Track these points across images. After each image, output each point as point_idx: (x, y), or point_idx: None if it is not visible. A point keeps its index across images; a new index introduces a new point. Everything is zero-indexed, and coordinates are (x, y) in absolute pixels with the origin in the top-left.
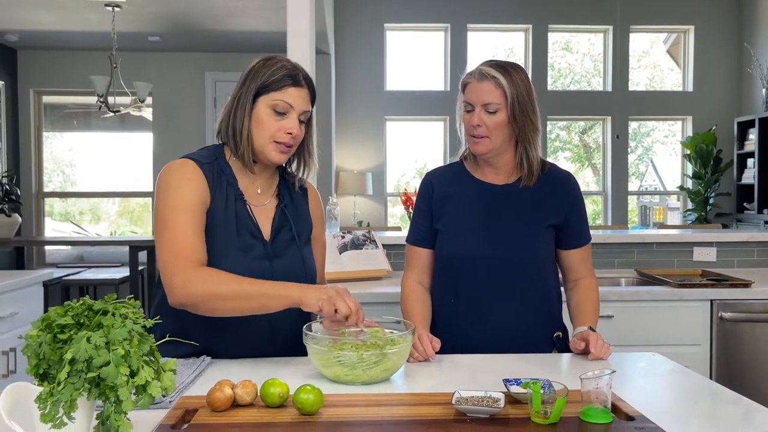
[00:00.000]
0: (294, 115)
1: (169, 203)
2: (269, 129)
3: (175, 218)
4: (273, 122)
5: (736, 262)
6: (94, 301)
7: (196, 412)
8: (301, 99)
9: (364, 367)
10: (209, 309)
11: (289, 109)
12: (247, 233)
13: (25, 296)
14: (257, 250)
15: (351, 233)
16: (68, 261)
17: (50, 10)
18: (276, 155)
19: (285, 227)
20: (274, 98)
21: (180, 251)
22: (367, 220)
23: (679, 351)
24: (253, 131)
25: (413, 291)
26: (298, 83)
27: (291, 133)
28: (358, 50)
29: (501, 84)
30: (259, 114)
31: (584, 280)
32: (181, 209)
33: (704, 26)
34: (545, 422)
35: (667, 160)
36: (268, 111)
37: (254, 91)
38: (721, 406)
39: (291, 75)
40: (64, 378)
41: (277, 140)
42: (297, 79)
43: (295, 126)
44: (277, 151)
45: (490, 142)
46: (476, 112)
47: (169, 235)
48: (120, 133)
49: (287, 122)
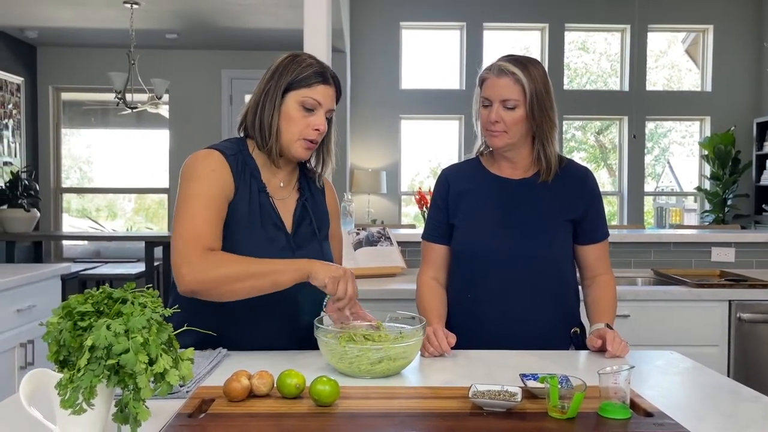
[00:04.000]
0: (321, 112)
1: (190, 191)
2: (298, 125)
3: (193, 207)
4: (301, 118)
5: (755, 263)
6: (113, 289)
7: (212, 402)
8: (329, 97)
9: (366, 363)
10: (222, 293)
11: (318, 106)
12: (271, 225)
13: (44, 289)
14: (280, 242)
15: (366, 230)
16: (85, 256)
17: (69, 7)
18: (302, 151)
19: (306, 220)
20: (304, 95)
21: (189, 239)
22: (381, 219)
23: (696, 351)
24: (281, 126)
25: (429, 287)
26: (327, 81)
27: (318, 129)
28: (374, 48)
29: (520, 80)
30: (288, 110)
31: (601, 276)
32: (200, 198)
33: (723, 26)
34: (562, 417)
35: (684, 161)
36: (296, 107)
37: (284, 86)
38: (740, 404)
39: (320, 72)
40: (84, 365)
41: (305, 137)
42: (326, 77)
43: (322, 123)
44: (304, 147)
45: (507, 137)
46: (494, 107)
47: (183, 223)
48: (137, 130)
49: (315, 119)
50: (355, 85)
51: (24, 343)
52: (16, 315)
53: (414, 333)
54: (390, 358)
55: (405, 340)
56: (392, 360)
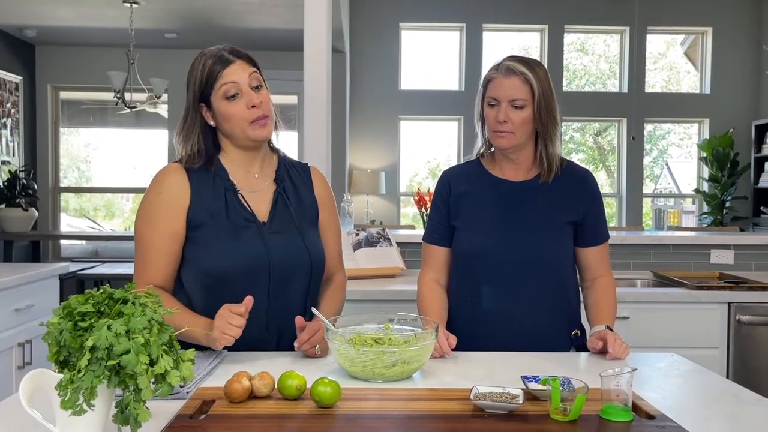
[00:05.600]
0: (245, 88)
1: (138, 234)
2: (236, 115)
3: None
4: (234, 108)
5: (754, 265)
6: (114, 290)
7: (213, 403)
8: (240, 71)
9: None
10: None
11: (237, 86)
12: (240, 218)
13: (41, 289)
14: (251, 232)
15: (365, 231)
16: (83, 256)
17: (68, 6)
18: (259, 131)
19: (283, 210)
20: (218, 87)
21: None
22: (379, 220)
23: (695, 353)
24: (227, 129)
25: (430, 289)
26: (227, 61)
27: (254, 105)
28: (373, 49)
29: (529, 80)
30: (220, 110)
31: (602, 278)
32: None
33: (722, 28)
34: (564, 419)
35: (683, 163)
36: (224, 103)
37: (199, 97)
38: (741, 407)
39: (217, 59)
40: (84, 365)
41: (250, 120)
42: (222, 58)
43: (253, 97)
44: (258, 126)
45: (515, 137)
46: (502, 107)
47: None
48: (135, 130)
49: (245, 99)
50: (354, 85)
51: (22, 343)
52: (14, 314)
53: (427, 335)
54: (404, 361)
55: (419, 342)
56: (406, 363)
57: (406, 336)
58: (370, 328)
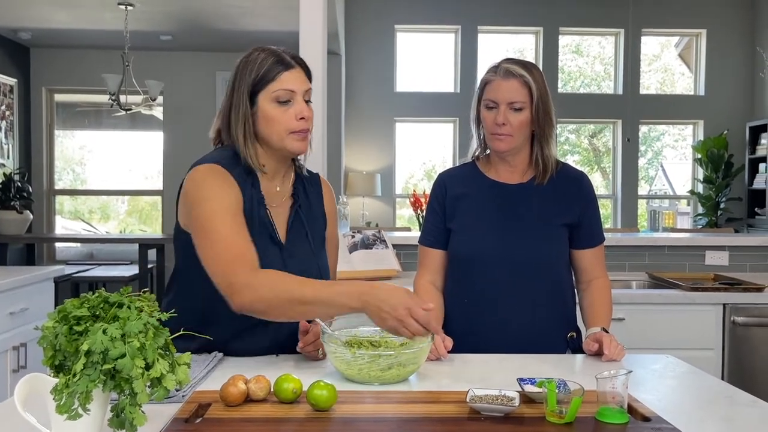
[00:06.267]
0: (299, 99)
1: (212, 209)
2: (281, 122)
3: (222, 224)
4: (282, 114)
5: (749, 266)
6: (109, 293)
7: (209, 407)
8: (299, 80)
9: (376, 369)
10: (278, 313)
11: (292, 95)
12: (267, 237)
13: (36, 292)
14: (273, 254)
15: (361, 233)
16: (78, 258)
17: (63, 9)
18: (297, 144)
19: (300, 230)
20: (273, 89)
21: (233, 258)
22: (375, 221)
23: (690, 355)
24: (265, 131)
25: (426, 291)
26: (289, 65)
27: (303, 117)
28: (369, 51)
29: (528, 82)
30: (264, 112)
31: (597, 280)
32: (226, 214)
33: (716, 30)
34: (560, 422)
35: (677, 164)
36: (272, 105)
37: (248, 91)
38: (737, 408)
39: (279, 60)
40: (79, 369)
41: (293, 130)
42: (286, 62)
43: (304, 109)
44: (297, 140)
45: (513, 140)
46: (501, 110)
47: (220, 243)
48: (131, 132)
49: (296, 108)
50: (350, 87)
51: (17, 346)
52: (8, 318)
53: (423, 337)
54: (401, 364)
55: (415, 345)
56: (402, 366)
57: (402, 339)
58: (366, 331)
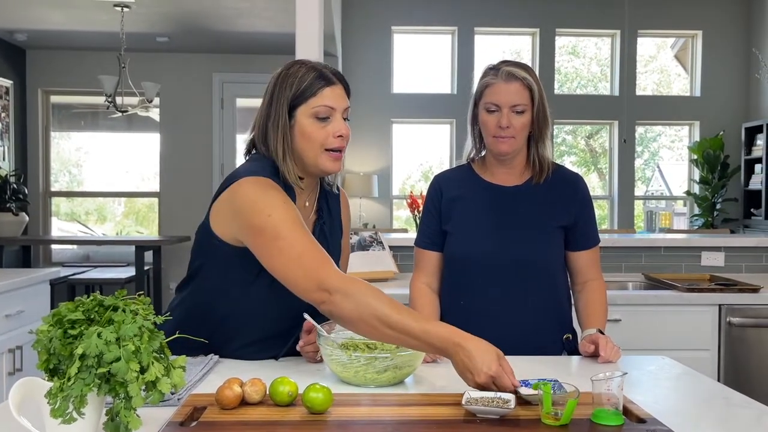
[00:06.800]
0: (338, 116)
1: (280, 217)
2: (318, 138)
3: (296, 230)
4: (319, 130)
5: (744, 267)
6: (104, 297)
7: (204, 410)
8: (339, 97)
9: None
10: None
11: (332, 112)
12: None
13: (32, 294)
14: None
15: (358, 234)
16: (74, 260)
17: (59, 10)
18: (331, 164)
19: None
20: (313, 105)
21: (323, 258)
22: (372, 223)
23: (686, 356)
24: (300, 146)
25: (422, 293)
26: (331, 82)
27: (341, 135)
28: (366, 52)
29: (529, 85)
30: (302, 127)
31: (592, 282)
32: (295, 222)
33: (712, 31)
34: (556, 424)
35: (674, 165)
36: (310, 121)
37: (288, 105)
38: (732, 410)
39: (321, 75)
40: (74, 373)
41: (329, 147)
42: (328, 78)
43: (343, 127)
44: (331, 159)
45: (516, 141)
46: (504, 113)
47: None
48: (127, 134)
49: (333, 126)
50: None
51: (12, 349)
52: (4, 320)
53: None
54: (396, 366)
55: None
56: (398, 368)
57: None
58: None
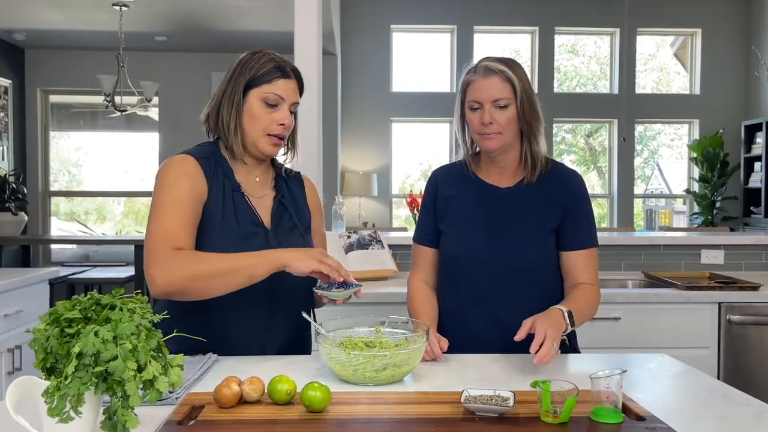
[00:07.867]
0: (285, 107)
1: (162, 196)
2: (262, 122)
3: (163, 211)
4: (265, 115)
5: (744, 265)
6: (101, 295)
7: (202, 409)
8: (291, 90)
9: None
10: (197, 292)
11: (280, 101)
12: (248, 222)
13: (31, 294)
14: (259, 238)
15: (357, 233)
16: (74, 260)
17: (58, 9)
18: (269, 148)
19: (285, 216)
20: (266, 91)
21: (159, 240)
22: (372, 221)
23: (686, 354)
24: (245, 125)
25: (419, 290)
26: (287, 75)
27: (284, 124)
28: (365, 51)
29: (509, 77)
30: (251, 107)
31: (585, 285)
32: (171, 202)
33: (711, 29)
34: (555, 422)
35: (673, 163)
36: (259, 104)
37: (244, 84)
38: (732, 407)
39: (279, 67)
40: (71, 372)
41: (270, 132)
42: (286, 71)
43: (287, 117)
44: (270, 143)
45: (503, 137)
46: (486, 109)
47: (155, 226)
48: (126, 133)
49: (279, 114)
50: (345, 87)
51: (11, 349)
52: (3, 320)
53: (418, 338)
54: (395, 364)
55: (410, 346)
56: (397, 366)
57: (397, 339)
58: (361, 332)
